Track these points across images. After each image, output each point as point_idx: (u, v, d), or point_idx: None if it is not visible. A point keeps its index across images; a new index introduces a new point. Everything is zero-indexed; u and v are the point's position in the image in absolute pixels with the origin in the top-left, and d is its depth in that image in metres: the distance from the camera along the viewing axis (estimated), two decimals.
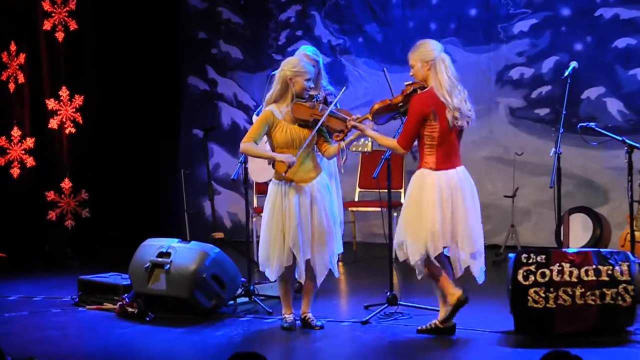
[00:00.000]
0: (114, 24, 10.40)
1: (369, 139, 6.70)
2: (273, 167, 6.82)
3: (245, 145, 6.77)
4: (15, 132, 10.24)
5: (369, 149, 6.78)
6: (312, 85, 6.99)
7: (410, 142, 6.49)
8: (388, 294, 7.12)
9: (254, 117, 8.07)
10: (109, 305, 7.58)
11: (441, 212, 6.38)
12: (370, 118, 6.64)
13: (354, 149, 7.09)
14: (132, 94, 10.54)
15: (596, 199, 9.78)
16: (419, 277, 6.54)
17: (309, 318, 6.91)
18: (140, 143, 10.64)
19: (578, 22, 9.86)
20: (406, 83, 6.59)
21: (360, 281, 8.81)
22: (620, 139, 7.32)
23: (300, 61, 6.89)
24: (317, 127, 6.69)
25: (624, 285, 6.27)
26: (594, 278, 6.28)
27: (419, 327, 6.66)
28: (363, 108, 9.63)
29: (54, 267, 9.63)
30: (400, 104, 6.59)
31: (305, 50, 7.86)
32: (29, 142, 10.22)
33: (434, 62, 6.44)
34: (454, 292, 6.50)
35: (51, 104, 10.19)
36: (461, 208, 6.43)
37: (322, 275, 6.80)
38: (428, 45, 6.54)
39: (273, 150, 6.80)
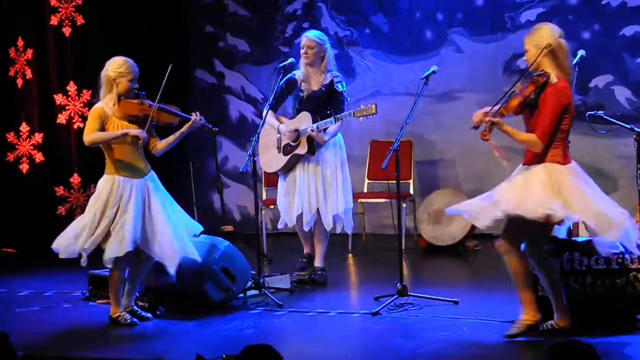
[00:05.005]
0: (120, 17, 10.42)
1: (373, 103, 7.01)
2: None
3: (90, 136, 6.76)
4: (24, 128, 10.25)
5: (374, 111, 6.73)
6: (137, 86, 6.98)
7: (551, 136, 6.03)
8: (398, 285, 7.12)
9: (264, 111, 8.08)
10: None
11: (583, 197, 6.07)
12: (505, 114, 6.14)
13: (357, 114, 7.15)
14: (139, 88, 10.52)
15: (605, 187, 9.57)
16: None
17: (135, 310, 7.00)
18: None
19: (585, 11, 9.83)
20: (536, 74, 6.07)
21: (370, 272, 8.81)
22: (629, 127, 7.30)
23: (125, 62, 6.91)
24: (148, 122, 6.85)
25: (634, 273, 6.27)
26: (604, 267, 6.27)
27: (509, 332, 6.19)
28: (371, 99, 9.66)
29: (64, 262, 9.61)
30: (533, 95, 6.05)
31: (310, 34, 7.91)
32: (38, 137, 10.23)
33: (553, 49, 6.06)
34: (535, 314, 6.15)
35: (59, 99, 10.19)
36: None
37: (169, 265, 6.81)
38: (545, 30, 6.15)
39: (108, 146, 6.81)
